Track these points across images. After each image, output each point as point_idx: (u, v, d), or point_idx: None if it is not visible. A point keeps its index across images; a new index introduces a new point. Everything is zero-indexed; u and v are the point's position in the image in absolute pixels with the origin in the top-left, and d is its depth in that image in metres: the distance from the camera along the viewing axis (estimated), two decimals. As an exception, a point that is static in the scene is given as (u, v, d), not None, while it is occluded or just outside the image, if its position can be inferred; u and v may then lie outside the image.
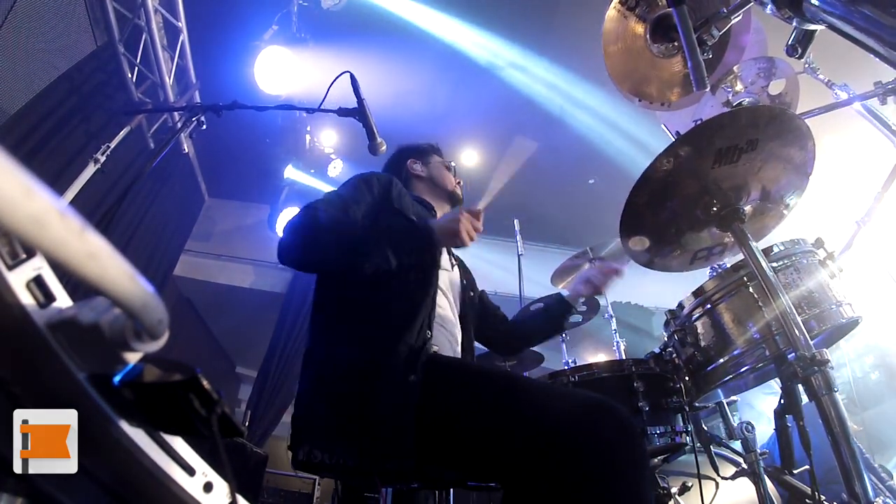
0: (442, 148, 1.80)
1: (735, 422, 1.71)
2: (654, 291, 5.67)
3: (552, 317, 1.71)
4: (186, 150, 4.51)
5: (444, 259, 1.44)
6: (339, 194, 1.32)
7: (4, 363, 0.32)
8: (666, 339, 1.66)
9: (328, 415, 1.09)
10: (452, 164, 1.73)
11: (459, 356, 1.38)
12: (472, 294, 1.57)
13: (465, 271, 1.61)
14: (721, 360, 1.41)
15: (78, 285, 0.35)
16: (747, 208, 1.42)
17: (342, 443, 1.06)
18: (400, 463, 1.00)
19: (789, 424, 1.35)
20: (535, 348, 3.14)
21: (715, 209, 1.40)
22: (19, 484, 0.35)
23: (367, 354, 1.11)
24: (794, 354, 1.17)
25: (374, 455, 1.02)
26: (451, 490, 1.63)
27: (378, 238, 1.13)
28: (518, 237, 3.32)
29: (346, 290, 1.25)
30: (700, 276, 1.71)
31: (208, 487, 0.44)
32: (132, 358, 0.37)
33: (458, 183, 1.69)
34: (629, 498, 0.84)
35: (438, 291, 1.31)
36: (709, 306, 1.48)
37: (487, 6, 4.28)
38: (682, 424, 1.54)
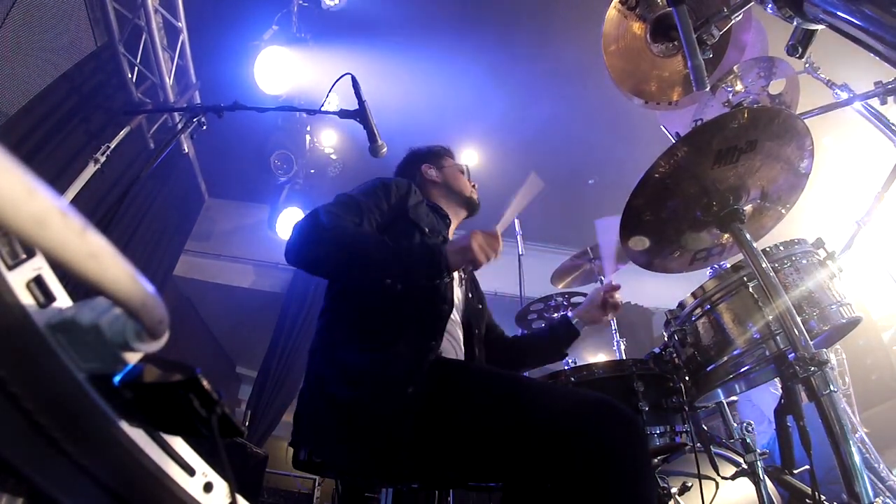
0: (444, 148, 1.77)
1: (735, 422, 1.71)
2: (654, 291, 5.67)
3: (558, 341, 1.64)
4: (186, 151, 4.51)
5: (455, 275, 1.43)
6: (356, 199, 1.28)
7: (4, 363, 0.32)
8: (666, 339, 1.66)
9: (328, 418, 1.09)
10: (466, 166, 1.69)
11: (463, 358, 1.38)
12: (479, 307, 1.56)
13: (473, 284, 1.60)
14: (721, 360, 1.41)
15: (78, 285, 0.35)
16: (747, 208, 1.42)
17: (341, 447, 1.06)
18: (396, 472, 1.00)
19: (789, 424, 1.35)
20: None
21: (714, 209, 1.40)
22: (19, 484, 0.35)
23: (370, 361, 1.11)
24: (793, 354, 1.17)
25: (370, 462, 1.02)
26: (451, 490, 1.62)
27: (389, 258, 1.10)
28: (518, 237, 3.32)
29: (356, 295, 1.24)
30: (700, 276, 1.71)
31: (208, 487, 0.44)
32: (132, 358, 0.37)
33: (474, 187, 1.66)
34: (633, 496, 0.84)
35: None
36: (709, 306, 1.48)
37: (486, 7, 4.28)
38: (681, 424, 1.54)
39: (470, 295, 1.55)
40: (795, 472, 1.51)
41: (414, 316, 1.17)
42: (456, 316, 1.40)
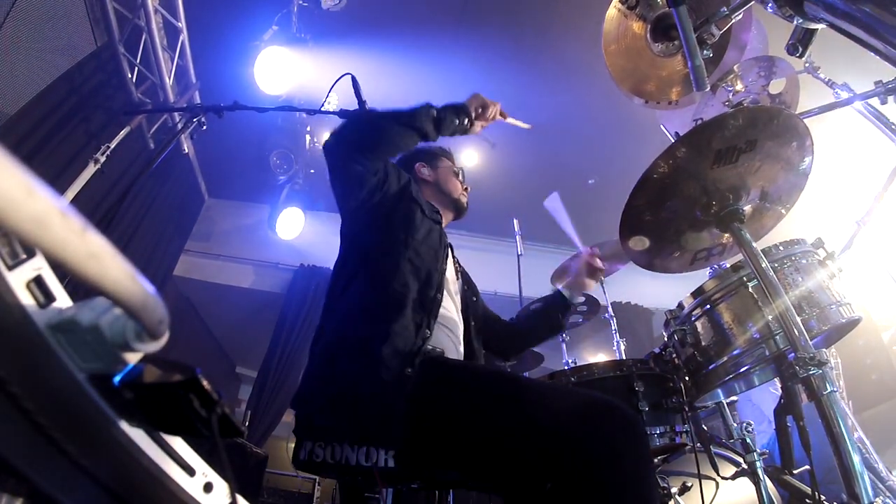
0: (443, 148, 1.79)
1: (735, 422, 1.71)
2: (654, 291, 5.67)
3: (551, 316, 1.71)
4: (186, 151, 4.51)
5: (450, 264, 1.46)
6: None
7: (4, 363, 0.32)
8: (666, 339, 1.66)
9: (326, 408, 1.10)
10: (461, 168, 1.73)
11: (463, 356, 1.38)
12: (474, 299, 1.60)
13: (467, 278, 1.64)
14: (721, 360, 1.41)
15: (78, 285, 0.35)
16: (747, 208, 1.42)
17: (339, 434, 1.06)
18: (389, 450, 1.00)
19: (789, 424, 1.35)
20: (534, 348, 3.15)
21: (714, 209, 1.40)
22: (19, 484, 0.35)
23: (366, 350, 1.12)
24: (793, 354, 1.17)
25: (367, 440, 1.02)
26: (451, 490, 1.63)
27: (413, 111, 1.35)
28: (518, 237, 3.32)
29: (354, 291, 1.26)
30: (700, 276, 1.71)
31: (208, 487, 0.44)
32: (132, 358, 0.37)
33: (466, 189, 1.69)
34: (634, 497, 0.84)
35: (445, 294, 1.32)
36: (708, 306, 1.48)
37: (486, 8, 4.28)
38: (681, 424, 1.54)
39: (466, 287, 1.56)
40: (795, 472, 1.51)
41: (407, 310, 1.18)
42: (455, 311, 1.40)
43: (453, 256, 1.56)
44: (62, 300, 0.38)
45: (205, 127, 2.14)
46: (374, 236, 1.32)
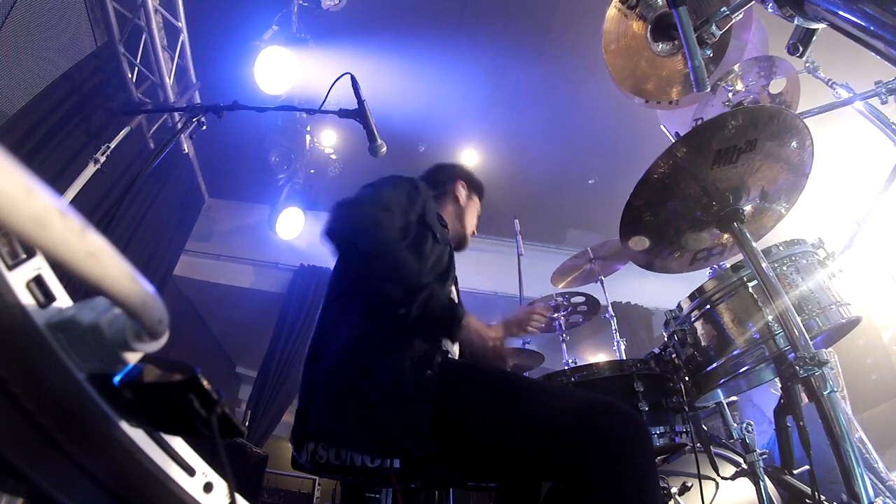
0: (442, 148, 1.80)
1: (735, 422, 1.71)
2: (654, 291, 5.67)
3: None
4: (186, 151, 4.51)
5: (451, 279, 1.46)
6: (393, 199, 1.29)
7: (4, 363, 0.32)
8: (666, 339, 1.66)
9: (343, 410, 1.06)
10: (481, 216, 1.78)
11: (457, 356, 1.38)
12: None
13: (457, 286, 1.62)
14: (721, 361, 1.41)
15: (78, 285, 0.35)
16: (747, 208, 1.42)
17: (355, 437, 1.04)
18: (420, 450, 0.98)
19: (789, 424, 1.35)
20: (534, 348, 3.15)
21: (714, 209, 1.40)
22: (19, 484, 0.35)
23: (384, 352, 1.10)
24: (793, 354, 1.17)
25: (394, 444, 1.00)
26: (451, 490, 1.63)
27: (420, 293, 1.15)
28: (518, 237, 3.32)
29: (366, 288, 1.24)
30: (700, 276, 1.71)
31: (208, 487, 0.44)
32: (132, 358, 0.37)
33: (474, 232, 1.74)
34: (637, 497, 0.84)
35: None
36: (708, 307, 1.48)
37: (486, 8, 4.28)
38: (681, 424, 1.54)
39: (456, 293, 1.55)
40: (795, 472, 1.51)
41: (428, 320, 1.16)
42: None
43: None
44: (62, 300, 0.38)
45: (204, 127, 2.14)
46: None
